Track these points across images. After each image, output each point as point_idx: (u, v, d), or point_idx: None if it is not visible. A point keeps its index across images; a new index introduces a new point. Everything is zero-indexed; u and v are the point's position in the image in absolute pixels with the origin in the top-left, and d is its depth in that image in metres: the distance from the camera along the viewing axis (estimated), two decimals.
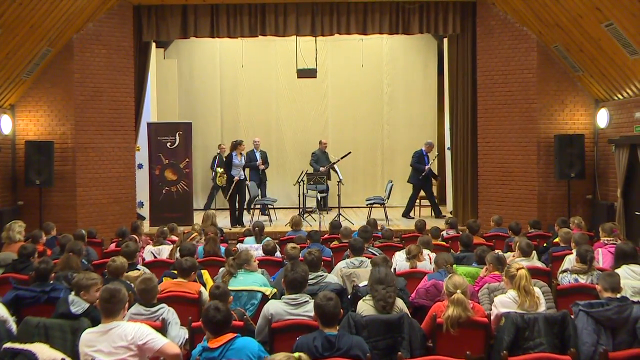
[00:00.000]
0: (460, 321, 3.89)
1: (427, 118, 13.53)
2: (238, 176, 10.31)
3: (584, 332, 3.81)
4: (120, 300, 3.40)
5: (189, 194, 10.63)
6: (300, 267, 4.21)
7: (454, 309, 3.90)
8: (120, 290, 3.43)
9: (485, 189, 10.29)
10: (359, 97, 13.44)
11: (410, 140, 13.19)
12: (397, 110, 13.51)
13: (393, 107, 13.51)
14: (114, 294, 3.39)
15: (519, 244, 5.68)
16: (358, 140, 13.41)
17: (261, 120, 13.45)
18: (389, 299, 3.98)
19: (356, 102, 13.45)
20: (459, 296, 3.93)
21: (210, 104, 13.43)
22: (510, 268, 4.30)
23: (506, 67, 9.96)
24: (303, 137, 13.38)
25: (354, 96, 13.44)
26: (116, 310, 3.37)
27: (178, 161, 10.59)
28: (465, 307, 3.92)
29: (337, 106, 13.50)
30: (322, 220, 10.10)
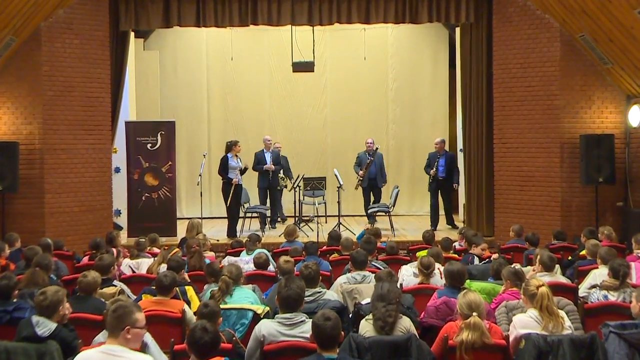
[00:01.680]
0: (476, 346, 3.86)
1: (437, 117, 13.55)
2: (236, 179, 10.31)
3: (616, 357, 3.78)
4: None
5: (171, 201, 10.61)
6: (295, 282, 4.18)
7: (470, 333, 3.86)
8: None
9: (502, 196, 10.28)
10: (361, 94, 13.47)
11: (418, 141, 13.22)
12: (403, 108, 13.54)
13: (399, 104, 13.53)
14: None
15: (540, 256, 5.66)
16: (360, 141, 13.27)
17: (253, 118, 13.47)
18: (388, 319, 3.96)
19: (358, 99, 13.47)
20: (475, 320, 3.89)
21: (195, 100, 13.44)
22: (529, 285, 4.26)
23: (525, 59, 9.97)
24: (299, 138, 13.40)
25: (356, 92, 13.46)
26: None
27: (160, 164, 10.57)
28: (482, 332, 3.87)
29: (337, 103, 13.52)
30: (320, 230, 10.07)
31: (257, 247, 7.25)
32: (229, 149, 10.49)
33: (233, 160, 10.44)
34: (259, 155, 11.34)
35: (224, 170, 10.48)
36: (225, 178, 10.43)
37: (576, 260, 6.77)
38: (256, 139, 13.20)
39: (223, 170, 10.52)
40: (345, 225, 10.81)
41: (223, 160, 10.52)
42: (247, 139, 12.83)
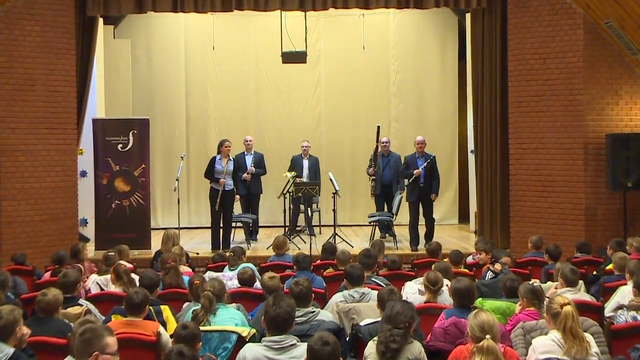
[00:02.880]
0: None
1: (445, 113, 13.61)
2: (223, 186, 10.34)
3: None
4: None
5: (145, 209, 10.57)
6: (284, 301, 4.18)
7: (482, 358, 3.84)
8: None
9: (518, 203, 10.31)
10: (359, 88, 13.51)
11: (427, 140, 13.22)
12: (407, 104, 13.58)
13: (402, 99, 13.58)
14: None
15: (562, 271, 5.67)
16: (358, 141, 13.47)
17: (237, 116, 13.50)
18: (391, 344, 3.95)
19: (356, 94, 13.51)
20: (488, 343, 3.86)
21: (172, 95, 13.45)
22: (553, 303, 4.26)
23: (545, 49, 10.01)
24: (289, 137, 13.41)
25: (353, 86, 13.50)
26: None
27: (132, 168, 10.54)
28: (497, 357, 3.84)
29: (332, 99, 13.55)
30: (313, 242, 10.07)
31: (242, 262, 7.24)
32: (218, 149, 10.54)
33: (219, 164, 10.45)
34: (239, 158, 11.31)
35: (209, 173, 10.50)
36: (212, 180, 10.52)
37: (602, 275, 6.78)
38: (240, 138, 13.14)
39: (208, 173, 10.54)
40: (341, 237, 10.81)
41: (210, 162, 10.60)
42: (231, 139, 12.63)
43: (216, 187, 10.39)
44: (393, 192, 11.30)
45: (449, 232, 12.29)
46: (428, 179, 10.48)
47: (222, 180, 10.31)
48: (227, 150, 10.52)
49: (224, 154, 10.49)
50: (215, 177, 10.42)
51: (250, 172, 11.19)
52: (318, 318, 4.74)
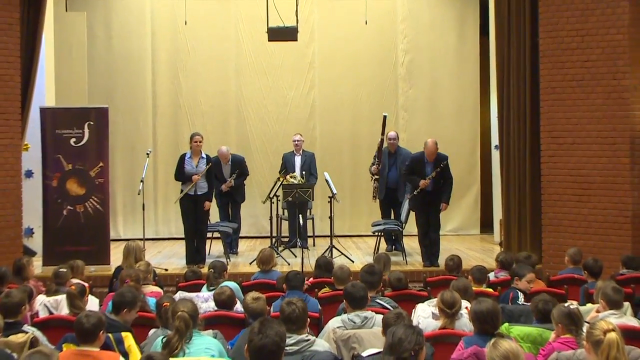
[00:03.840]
0: None
1: (463, 101, 13.64)
2: (193, 189, 10.36)
3: None
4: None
5: (103, 216, 10.55)
6: (273, 328, 4.15)
7: None
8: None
9: (552, 209, 10.32)
10: (360, 70, 13.53)
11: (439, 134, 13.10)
12: (418, 90, 13.60)
13: (413, 84, 13.61)
14: None
15: (604, 290, 5.67)
16: (359, 135, 13.52)
17: (215, 103, 13.50)
18: None
19: (356, 78, 13.53)
20: None
21: (137, 80, 13.45)
22: (594, 330, 4.26)
23: (583, 25, 10.02)
24: (277, 130, 13.45)
25: (354, 69, 13.53)
26: None
27: (87, 166, 10.51)
28: None
29: (328, 83, 13.57)
30: (305, 256, 10.08)
31: (224, 280, 7.23)
32: (192, 138, 10.58)
33: (189, 163, 10.43)
34: (215, 165, 11.16)
35: (179, 174, 10.53)
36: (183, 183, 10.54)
37: None
38: (218, 131, 13.30)
39: (177, 174, 10.57)
40: (339, 250, 10.81)
41: (179, 160, 10.60)
42: (207, 133, 12.82)
43: (186, 188, 10.39)
44: (400, 196, 11.32)
45: (469, 244, 12.34)
46: (437, 183, 10.41)
47: (195, 176, 10.30)
48: (197, 147, 10.47)
49: (194, 151, 10.48)
50: (186, 179, 10.44)
51: (229, 185, 11.28)
52: (312, 348, 4.73)
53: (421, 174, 10.32)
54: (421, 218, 10.62)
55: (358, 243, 12.55)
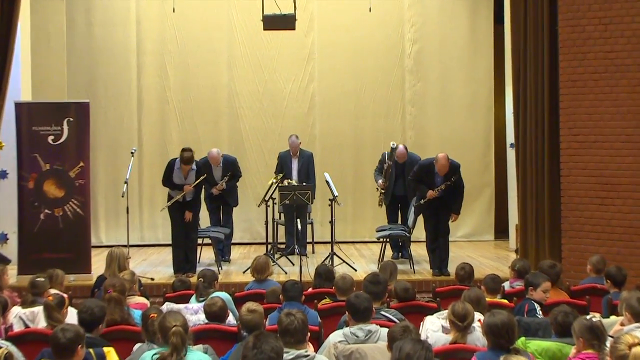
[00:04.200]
0: None
1: (477, 96, 13.63)
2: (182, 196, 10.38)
3: None
4: None
5: (84, 220, 10.54)
6: (269, 343, 4.15)
7: None
8: None
9: (573, 213, 10.31)
10: (364, 62, 13.52)
11: (450, 131, 13.36)
12: (427, 83, 13.60)
13: (421, 77, 13.60)
14: None
15: (629, 301, 5.66)
16: (363, 132, 13.54)
17: (205, 98, 13.49)
18: None
19: (359, 70, 13.52)
20: None
21: (120, 73, 13.43)
22: (619, 344, 4.27)
23: (606, 12, 10.00)
24: (273, 127, 13.45)
25: (356, 60, 13.51)
26: None
27: (67, 167, 10.50)
28: None
29: (329, 76, 13.56)
30: (304, 264, 10.10)
31: (214, 290, 7.23)
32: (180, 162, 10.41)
33: (178, 174, 10.41)
34: (204, 166, 11.15)
35: (167, 182, 10.55)
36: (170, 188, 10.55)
37: None
38: (209, 128, 13.33)
39: (166, 181, 10.58)
40: (341, 257, 10.81)
41: (167, 166, 10.57)
42: (197, 130, 12.89)
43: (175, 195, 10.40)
44: (407, 199, 11.35)
45: (483, 251, 12.35)
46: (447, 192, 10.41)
47: (186, 186, 10.32)
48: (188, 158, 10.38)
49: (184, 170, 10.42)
50: (175, 188, 10.46)
51: (220, 188, 11.31)
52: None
53: (430, 184, 10.39)
54: (429, 223, 10.66)
55: (361, 250, 12.56)
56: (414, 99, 13.61)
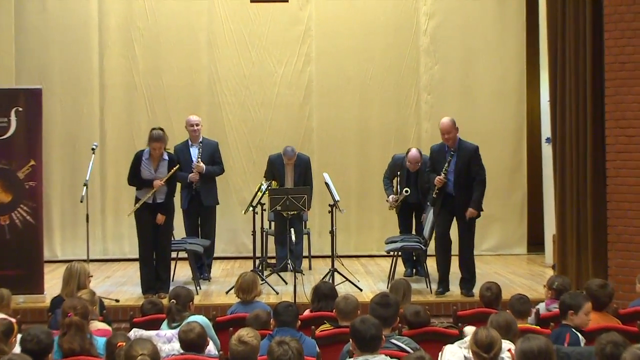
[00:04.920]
0: None
1: (506, 81, 13.62)
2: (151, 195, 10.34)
3: None
4: None
5: (35, 230, 10.53)
6: None
7: None
8: None
9: (620, 220, 10.30)
10: (370, 40, 13.53)
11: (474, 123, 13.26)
12: (446, 66, 13.61)
13: (439, 58, 13.60)
14: None
15: None
16: (369, 126, 13.56)
17: (181, 84, 13.49)
18: None
19: (365, 50, 13.53)
20: None
21: (79, 53, 13.42)
22: None
23: None
24: (262, 118, 13.47)
25: (361, 38, 13.53)
26: None
27: (14, 166, 10.51)
28: None
29: (328, 57, 13.57)
30: (299, 282, 10.09)
31: (189, 313, 7.21)
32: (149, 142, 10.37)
33: (147, 166, 10.34)
34: (180, 151, 11.29)
35: (133, 178, 10.47)
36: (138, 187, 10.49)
37: None
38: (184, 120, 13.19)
39: (131, 178, 10.49)
40: (343, 275, 10.78)
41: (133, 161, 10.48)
42: (171, 122, 12.80)
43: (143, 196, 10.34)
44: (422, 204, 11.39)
45: (514, 267, 12.36)
46: (462, 185, 10.36)
47: (156, 182, 10.23)
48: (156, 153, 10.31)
49: (154, 154, 10.35)
50: (143, 185, 10.40)
51: (199, 169, 11.20)
52: None
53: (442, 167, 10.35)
54: (440, 227, 10.51)
55: (368, 265, 12.57)
56: (430, 84, 13.62)
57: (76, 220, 12.68)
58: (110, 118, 13.51)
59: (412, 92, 13.53)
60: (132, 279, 11.34)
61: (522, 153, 13.66)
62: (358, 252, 13.27)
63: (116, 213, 13.26)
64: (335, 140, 13.57)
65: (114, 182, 13.25)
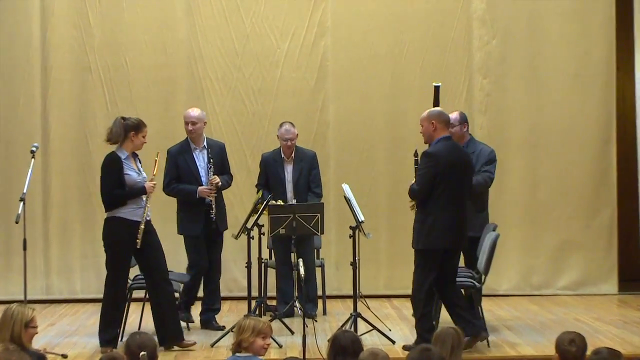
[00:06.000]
0: None
1: (588, 62, 13.59)
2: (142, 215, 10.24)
3: None
4: None
5: None
6: None
7: None
8: None
9: None
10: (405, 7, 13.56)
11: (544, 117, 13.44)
12: (507, 41, 13.64)
13: (498, 31, 13.64)
14: None
15: None
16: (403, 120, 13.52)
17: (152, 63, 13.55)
18: None
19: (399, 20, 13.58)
20: None
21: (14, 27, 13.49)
22: None
23: None
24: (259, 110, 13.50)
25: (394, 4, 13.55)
26: None
27: None
28: None
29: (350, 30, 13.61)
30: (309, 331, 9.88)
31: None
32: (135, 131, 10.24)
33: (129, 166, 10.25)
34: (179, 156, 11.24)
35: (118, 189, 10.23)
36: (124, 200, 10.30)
37: None
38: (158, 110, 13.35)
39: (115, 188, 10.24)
40: (369, 321, 10.68)
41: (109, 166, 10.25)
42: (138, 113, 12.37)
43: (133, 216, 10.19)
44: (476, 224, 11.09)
45: (600, 312, 12.27)
46: None
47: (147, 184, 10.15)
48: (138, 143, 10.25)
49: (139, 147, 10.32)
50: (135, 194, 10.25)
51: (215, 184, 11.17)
52: None
53: None
54: None
55: (402, 309, 12.48)
56: (486, 65, 13.65)
57: (10, 247, 12.73)
58: (55, 111, 13.51)
59: (461, 75, 13.52)
60: (84, 326, 11.33)
61: (610, 157, 13.55)
62: (389, 290, 13.22)
63: (64, 238, 13.32)
64: (358, 140, 13.57)
65: (60, 197, 13.30)
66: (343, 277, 12.40)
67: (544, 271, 13.05)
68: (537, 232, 13.37)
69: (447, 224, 9.89)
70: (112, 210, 10.29)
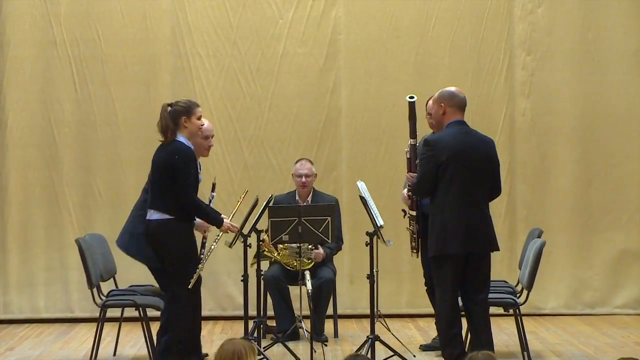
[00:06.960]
0: None
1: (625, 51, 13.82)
2: (206, 253, 10.49)
3: None
4: None
5: None
6: None
7: None
8: None
9: None
10: None
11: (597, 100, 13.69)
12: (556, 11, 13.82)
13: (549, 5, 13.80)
14: None
15: None
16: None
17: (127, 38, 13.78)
18: None
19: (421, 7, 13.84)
20: None
21: None
22: None
23: None
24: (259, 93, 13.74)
25: None
26: None
27: None
28: None
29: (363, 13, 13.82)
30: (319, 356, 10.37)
31: None
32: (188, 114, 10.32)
33: None
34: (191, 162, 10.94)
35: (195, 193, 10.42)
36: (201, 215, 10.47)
37: None
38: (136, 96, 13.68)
39: (193, 191, 10.39)
40: (389, 345, 10.84)
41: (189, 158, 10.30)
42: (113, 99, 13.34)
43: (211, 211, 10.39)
44: None
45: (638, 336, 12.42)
46: None
47: (227, 222, 10.34)
48: (196, 129, 10.39)
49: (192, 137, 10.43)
50: (207, 219, 10.48)
51: (231, 231, 10.86)
52: None
53: None
54: None
55: (429, 331, 12.65)
56: (530, 40, 13.89)
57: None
58: (14, 94, 13.77)
59: (500, 50, 13.80)
60: (50, 351, 11.56)
61: None
62: (413, 309, 13.48)
63: (25, 248, 13.52)
64: (376, 130, 13.85)
65: (20, 201, 13.51)
66: (358, 292, 12.68)
67: (598, 286, 13.20)
68: (590, 239, 13.47)
69: (460, 223, 9.75)
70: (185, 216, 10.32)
